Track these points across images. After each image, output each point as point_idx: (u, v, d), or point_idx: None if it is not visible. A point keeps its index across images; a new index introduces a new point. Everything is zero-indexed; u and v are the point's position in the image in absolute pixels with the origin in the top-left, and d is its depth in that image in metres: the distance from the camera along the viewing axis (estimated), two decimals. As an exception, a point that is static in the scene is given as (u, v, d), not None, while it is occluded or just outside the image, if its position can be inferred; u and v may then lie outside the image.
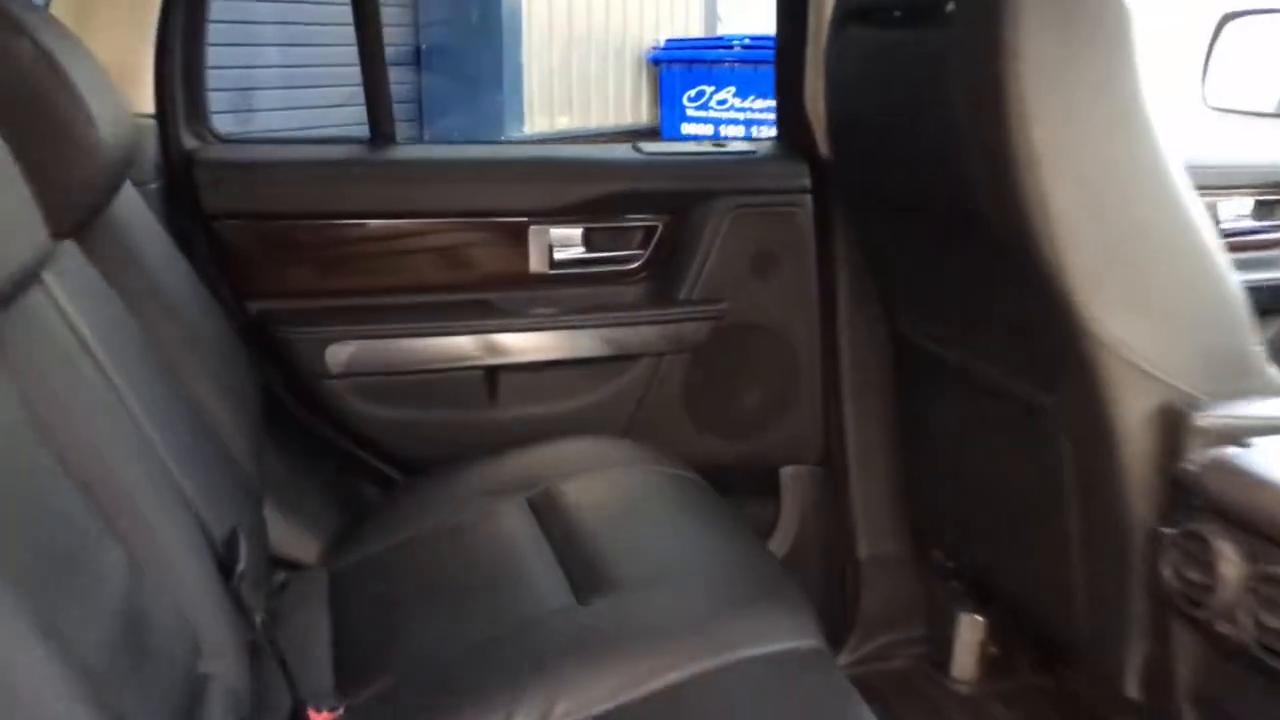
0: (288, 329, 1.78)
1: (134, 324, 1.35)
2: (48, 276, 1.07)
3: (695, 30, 9.31)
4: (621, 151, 1.95)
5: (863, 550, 1.97)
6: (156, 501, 1.09)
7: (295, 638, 1.33)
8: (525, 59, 7.77)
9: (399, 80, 7.30)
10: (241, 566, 1.19)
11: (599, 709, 1.13)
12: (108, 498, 1.03)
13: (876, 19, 1.59)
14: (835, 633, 1.93)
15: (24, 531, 0.86)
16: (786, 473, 2.01)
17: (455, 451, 1.80)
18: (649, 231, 1.92)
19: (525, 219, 1.86)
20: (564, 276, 1.90)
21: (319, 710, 1.20)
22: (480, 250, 1.87)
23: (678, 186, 1.91)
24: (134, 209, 1.51)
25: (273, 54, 6.11)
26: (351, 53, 1.81)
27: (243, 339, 1.68)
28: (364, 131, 1.89)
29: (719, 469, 1.89)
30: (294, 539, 1.67)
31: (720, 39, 8.81)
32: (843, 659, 1.94)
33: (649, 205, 1.91)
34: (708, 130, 8.54)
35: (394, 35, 7.26)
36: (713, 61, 8.46)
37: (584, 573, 1.36)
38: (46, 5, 1.62)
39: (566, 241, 1.89)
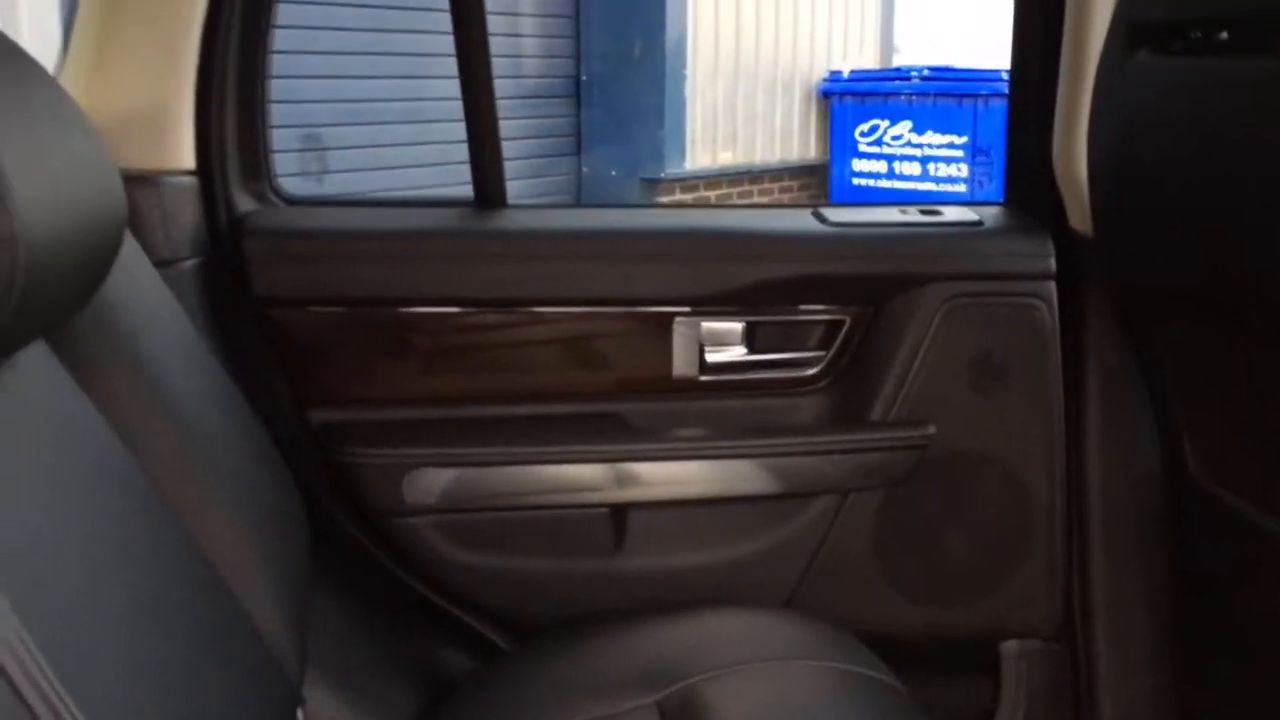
0: (356, 449, 1.37)
1: (119, 461, 0.97)
2: None
3: (870, 61, 8.81)
4: (799, 221, 1.48)
5: None
6: None
7: None
8: (689, 92, 7.42)
9: (558, 113, 7.05)
10: None
11: None
12: None
13: (1185, 44, 1.09)
14: None
15: None
16: (1010, 648, 1.51)
17: (570, 611, 1.38)
18: (832, 327, 1.45)
19: (669, 309, 1.42)
20: (718, 385, 1.44)
21: None
22: (609, 348, 1.43)
23: (873, 269, 1.43)
24: (146, 296, 1.13)
25: (354, 94, 5.44)
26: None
27: (293, 460, 1.28)
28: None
29: (920, 642, 1.44)
30: None
31: (897, 70, 8.29)
32: None
33: (833, 293, 1.44)
34: (881, 167, 8.03)
35: (555, 67, 7.04)
36: (888, 94, 7.97)
37: None
38: (64, 48, 1.27)
39: (723, 339, 1.44)
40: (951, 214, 1.48)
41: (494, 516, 1.40)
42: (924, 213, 1.49)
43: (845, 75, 8.26)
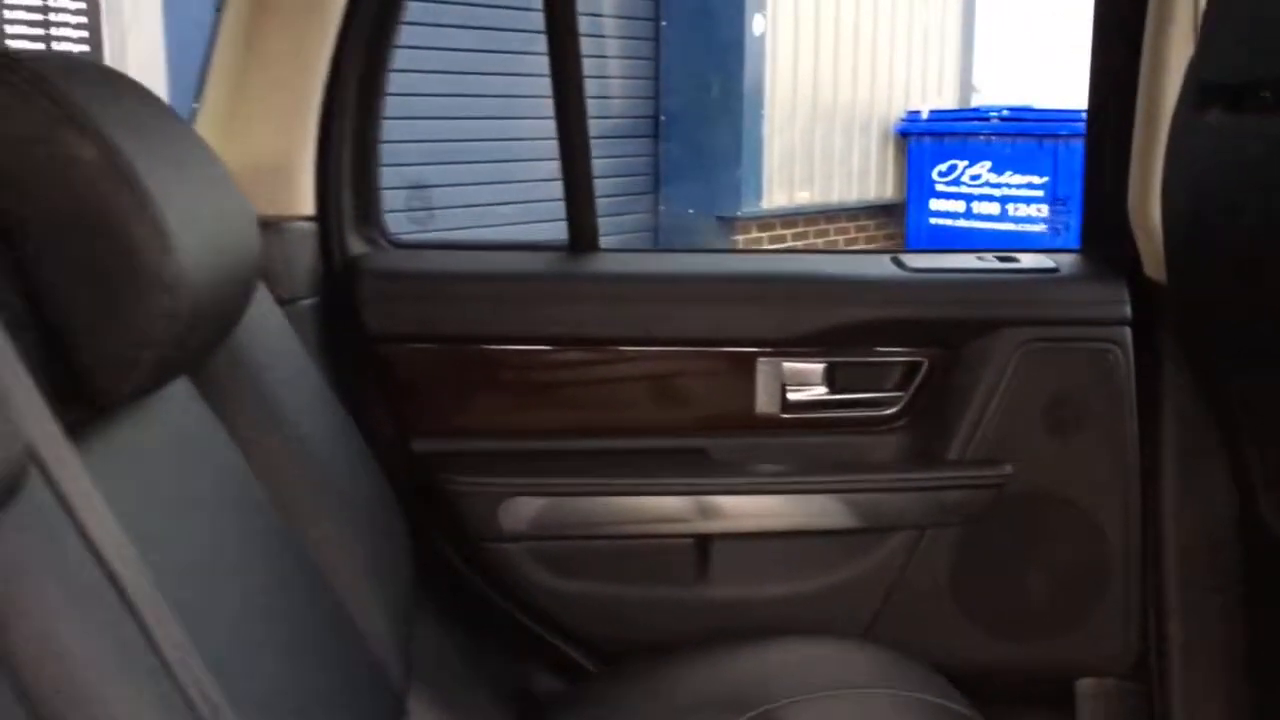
0: (456, 477, 1.45)
1: (245, 482, 1.06)
2: (66, 481, 0.76)
3: (949, 102, 8.80)
4: (878, 266, 1.54)
5: None
6: None
7: None
8: (766, 132, 7.48)
9: (637, 153, 7.16)
10: None
11: None
12: None
13: (1256, 103, 1.13)
14: None
15: None
16: (1085, 685, 1.53)
17: (655, 637, 1.44)
18: (910, 369, 1.50)
19: (753, 349, 1.48)
20: (799, 422, 1.50)
21: None
22: (695, 386, 1.50)
23: (950, 313, 1.49)
24: (270, 332, 1.22)
25: (454, 143, 5.74)
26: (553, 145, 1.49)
27: (398, 486, 1.37)
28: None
29: (994, 676, 1.47)
30: None
31: (976, 110, 8.28)
32: None
33: (912, 336, 1.49)
34: (959, 207, 8.00)
35: (635, 107, 7.14)
36: (966, 134, 7.95)
37: None
38: (196, 102, 1.38)
39: (804, 379, 1.50)
40: (1028, 260, 1.53)
41: (583, 544, 1.47)
42: (1001, 259, 1.54)
43: (923, 115, 8.27)
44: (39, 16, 4.13)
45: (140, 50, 4.35)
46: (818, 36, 7.77)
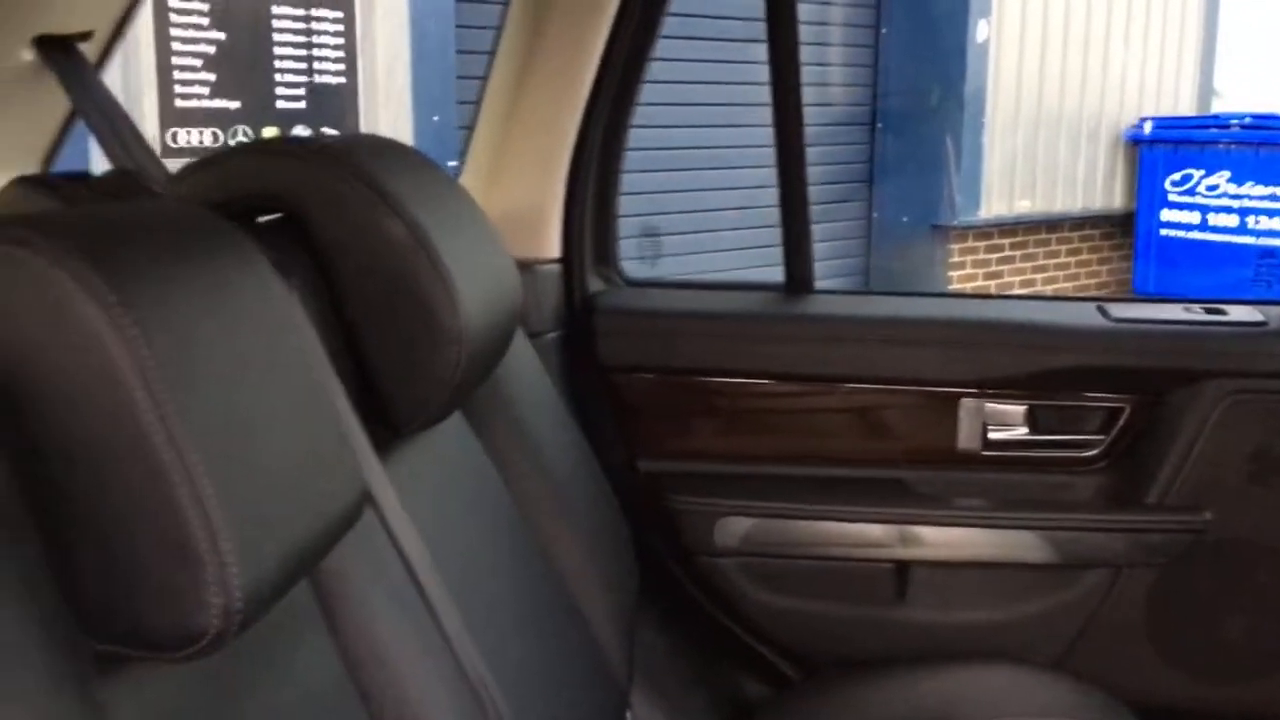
0: (678, 496, 1.61)
1: (501, 494, 1.24)
2: (380, 493, 0.95)
3: (1186, 108, 8.41)
4: (1083, 315, 1.60)
5: None
6: None
7: None
8: (987, 140, 7.35)
9: (851, 159, 7.16)
10: None
11: None
12: None
13: None
14: None
15: None
16: (1282, 732, 1.55)
17: (854, 653, 1.56)
18: (1112, 414, 1.56)
19: (957, 390, 1.57)
20: (1000, 460, 1.58)
21: None
22: (900, 422, 1.61)
23: (1155, 363, 1.54)
24: (523, 363, 1.41)
25: (684, 189, 6.07)
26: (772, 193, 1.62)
27: (625, 504, 1.53)
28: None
29: (1184, 717, 1.49)
30: None
31: (1215, 117, 7.88)
32: None
33: (1115, 383, 1.55)
34: (1193, 218, 7.65)
35: (852, 113, 7.14)
36: (1204, 142, 7.59)
37: None
38: (460, 161, 1.58)
39: (1005, 419, 1.58)
40: (1236, 313, 1.56)
41: (790, 562, 1.60)
42: (1208, 310, 1.57)
43: (1157, 122, 7.94)
44: (304, 52, 4.57)
45: (391, 81, 4.76)
46: (1045, 41, 7.57)
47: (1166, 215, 7.81)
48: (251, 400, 0.68)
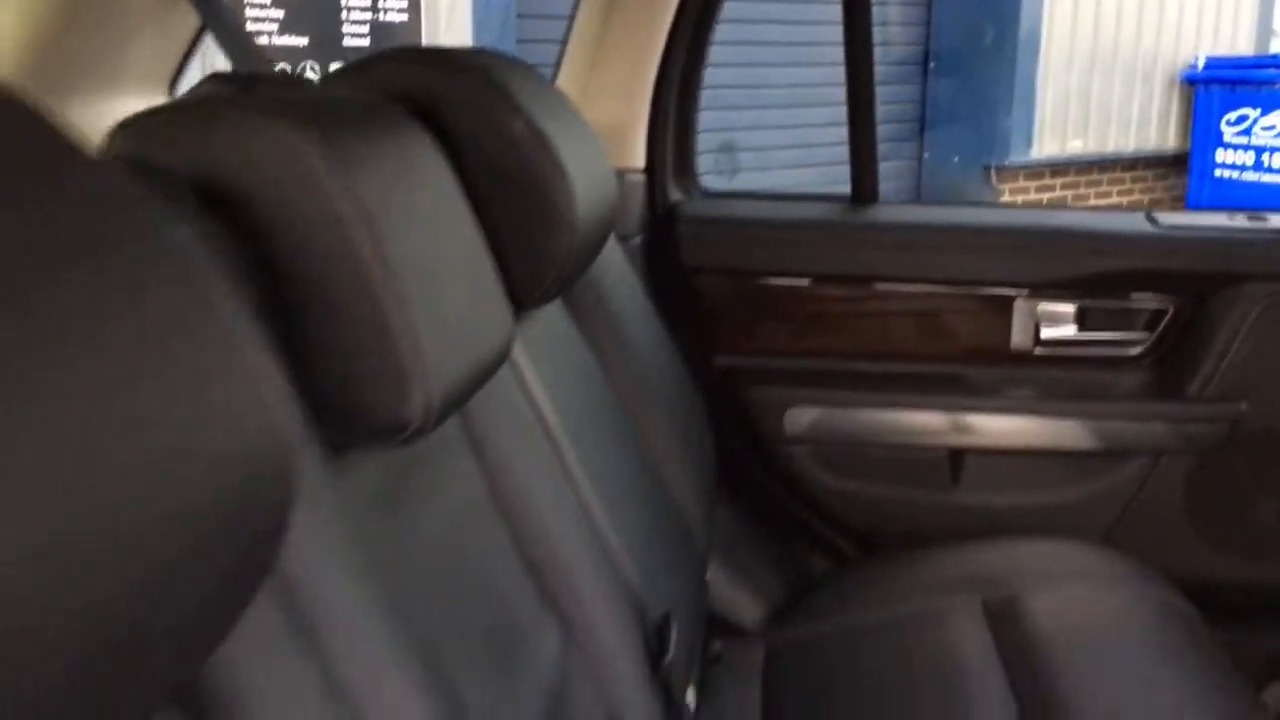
0: (751, 387, 1.76)
1: (602, 378, 1.39)
2: (516, 349, 1.11)
3: (1244, 48, 8.31)
4: (1132, 222, 1.72)
5: None
6: (595, 584, 1.10)
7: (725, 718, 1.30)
8: (1040, 79, 7.34)
9: (903, 95, 7.19)
10: (670, 656, 1.17)
11: None
12: (550, 577, 1.05)
13: None
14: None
15: (472, 607, 0.89)
16: (1310, 607, 1.68)
17: (911, 531, 1.70)
18: (1157, 315, 1.68)
19: (1012, 291, 1.70)
20: (1050, 358, 1.71)
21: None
22: (958, 321, 1.74)
23: (1198, 266, 1.66)
24: (615, 263, 1.55)
25: (763, 111, 6.17)
26: (841, 112, 1.75)
27: (704, 394, 1.68)
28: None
29: (1218, 592, 1.64)
30: (737, 603, 1.64)
31: (1274, 57, 7.81)
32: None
33: (1160, 285, 1.67)
34: (1248, 159, 7.61)
35: (905, 52, 7.15)
36: (1261, 83, 7.52)
37: (1036, 704, 1.21)
38: (555, 73, 1.72)
39: (1056, 319, 1.70)
40: (1276, 220, 1.67)
41: (853, 449, 1.75)
42: (1250, 219, 1.68)
43: (1213, 62, 7.87)
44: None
45: (452, 18, 4.90)
46: (1101, -20, 7.52)
47: (1221, 156, 7.76)
48: (435, 250, 0.84)
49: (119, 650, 0.38)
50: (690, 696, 1.24)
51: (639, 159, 1.74)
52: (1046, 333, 1.71)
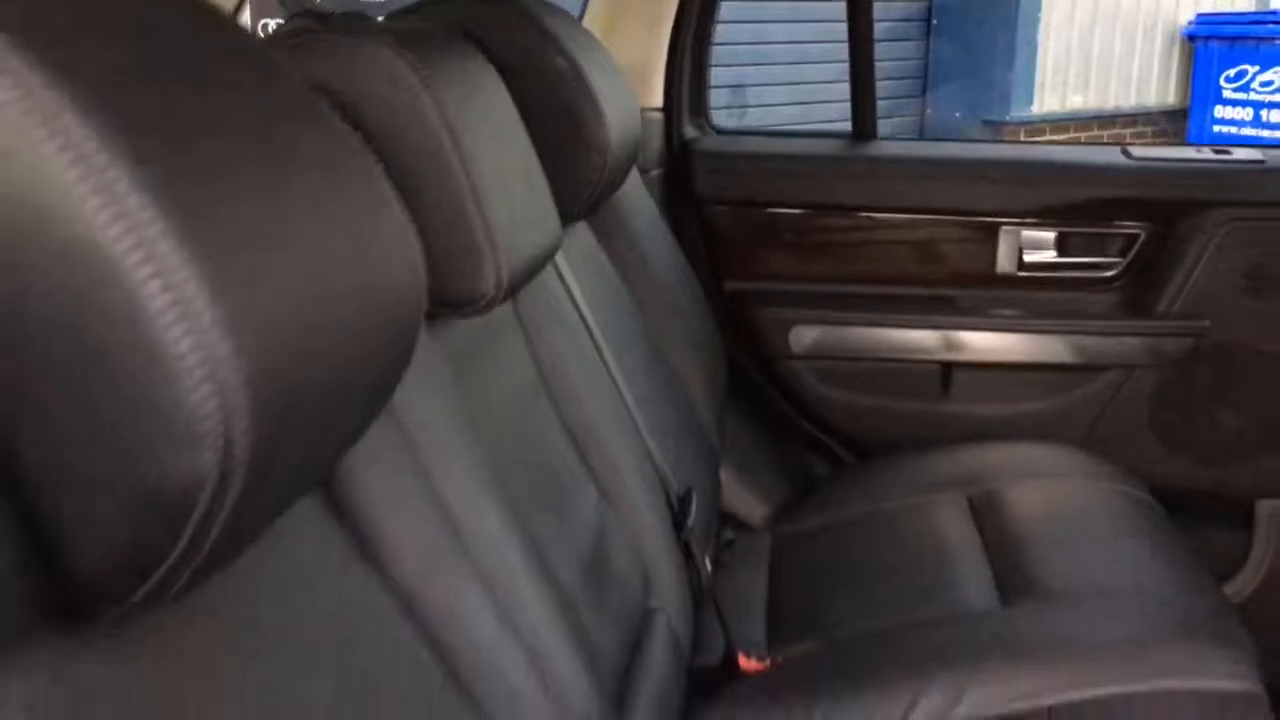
0: (758, 309, 1.92)
1: (626, 293, 1.56)
2: (557, 256, 1.27)
3: (1245, 3, 8.39)
4: (1108, 155, 1.88)
5: None
6: (627, 455, 1.27)
7: (734, 592, 1.47)
8: (1042, 34, 7.43)
9: (906, 52, 7.29)
10: (691, 522, 1.34)
11: (1012, 707, 1.13)
12: (588, 446, 1.22)
13: None
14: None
15: (526, 466, 1.06)
16: (1264, 507, 1.86)
17: (904, 439, 1.86)
18: (1130, 240, 1.84)
19: (998, 219, 1.86)
20: (1032, 280, 1.88)
21: (749, 658, 1.33)
22: (949, 247, 1.90)
23: (1167, 194, 1.82)
24: (636, 193, 1.72)
25: (768, 50, 6.34)
26: (844, 50, 1.90)
27: (715, 314, 1.85)
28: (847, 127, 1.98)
29: (1182, 494, 1.80)
30: (745, 501, 1.81)
31: (1273, 13, 7.89)
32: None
33: (1132, 212, 1.83)
34: (1246, 115, 7.70)
35: (907, 7, 7.24)
36: (1261, 38, 7.60)
37: (1012, 577, 1.37)
38: (581, 15, 1.87)
39: (1038, 244, 1.87)
40: (1239, 154, 1.83)
41: (851, 365, 1.92)
42: (1216, 152, 1.84)
43: (1213, 18, 7.96)
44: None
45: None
46: (1104, -65, 7.59)
47: (1220, 112, 7.85)
48: (500, 154, 1.01)
49: (324, 407, 0.53)
50: (707, 564, 1.42)
51: (657, 98, 1.90)
52: (1029, 257, 1.87)
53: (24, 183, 0.41)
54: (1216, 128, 7.88)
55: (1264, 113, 7.68)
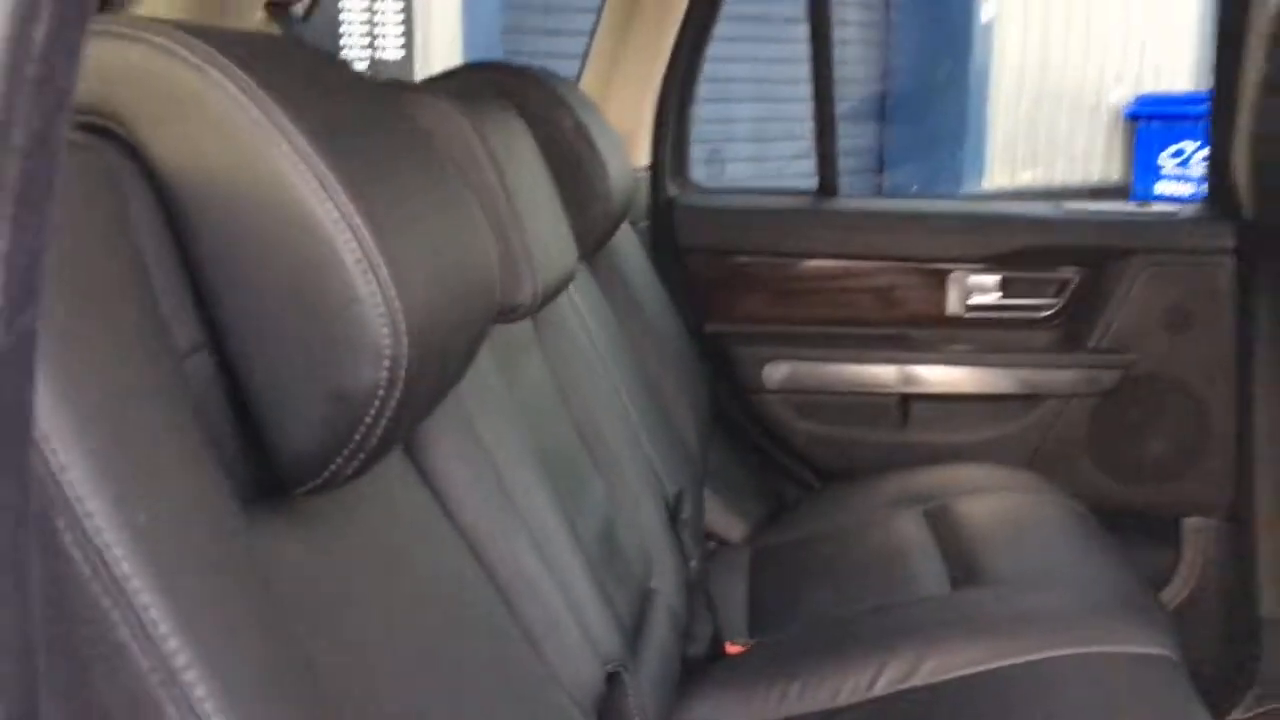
0: (735, 347, 2.13)
1: (620, 330, 1.76)
2: (570, 287, 1.48)
3: (1183, 85, 8.83)
4: (1044, 208, 2.12)
5: (1267, 609, 1.97)
6: (629, 458, 1.46)
7: (718, 592, 1.65)
8: (991, 113, 7.79)
9: (860, 133, 7.62)
10: (685, 516, 1.53)
11: (962, 672, 1.31)
12: (596, 447, 1.41)
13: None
14: (1228, 692, 1.96)
15: (551, 454, 1.25)
16: (1189, 524, 2.06)
17: (867, 466, 2.06)
18: (1064, 283, 2.07)
19: (947, 265, 2.09)
20: (979, 320, 2.10)
21: (733, 642, 1.51)
22: (904, 291, 2.12)
23: (1095, 242, 2.05)
24: (628, 242, 1.93)
25: (743, 111, 6.70)
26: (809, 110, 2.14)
27: (698, 353, 2.05)
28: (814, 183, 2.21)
29: (1116, 512, 1.99)
30: (725, 519, 2.00)
31: (1209, 93, 8.28)
32: (1236, 715, 1.95)
33: (1065, 258, 2.06)
34: (1186, 190, 8.06)
35: (859, 88, 7.57)
36: (1199, 117, 7.99)
37: (963, 569, 1.56)
38: (577, 81, 2.10)
39: (983, 288, 2.09)
40: (1158, 208, 2.08)
41: (820, 398, 2.12)
42: (1139, 206, 2.09)
43: (1151, 99, 8.34)
44: (367, 29, 5.15)
45: (442, 51, 5.31)
46: (1047, 20, 7.96)
47: (1160, 188, 8.17)
48: (534, 190, 1.21)
49: (444, 352, 0.72)
50: (694, 564, 1.60)
51: (645, 159, 2.13)
52: (975, 299, 2.10)
53: (271, 184, 0.62)
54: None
55: (1203, 187, 8.02)
